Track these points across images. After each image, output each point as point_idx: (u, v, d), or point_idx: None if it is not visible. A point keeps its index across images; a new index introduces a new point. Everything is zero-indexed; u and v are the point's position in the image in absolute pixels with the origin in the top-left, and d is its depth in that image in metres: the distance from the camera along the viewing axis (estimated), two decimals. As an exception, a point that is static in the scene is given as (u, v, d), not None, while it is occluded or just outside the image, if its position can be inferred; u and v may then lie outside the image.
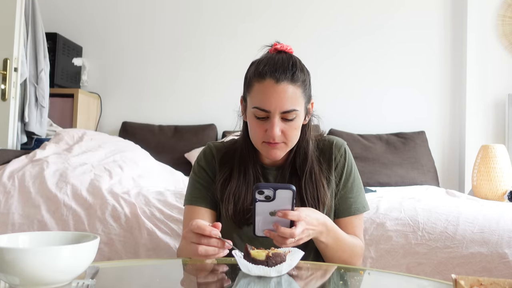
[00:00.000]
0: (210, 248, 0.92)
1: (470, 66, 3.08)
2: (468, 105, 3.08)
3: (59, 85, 3.00)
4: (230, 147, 1.25)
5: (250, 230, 1.12)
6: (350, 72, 3.21)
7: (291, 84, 1.08)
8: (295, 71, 1.09)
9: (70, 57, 3.12)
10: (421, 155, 2.94)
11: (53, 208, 1.75)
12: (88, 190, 1.81)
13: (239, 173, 1.19)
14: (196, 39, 3.29)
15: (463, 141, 3.09)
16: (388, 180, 2.77)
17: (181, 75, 3.29)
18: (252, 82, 1.11)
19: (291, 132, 1.11)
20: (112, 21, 3.34)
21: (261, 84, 1.08)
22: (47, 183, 1.83)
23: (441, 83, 3.18)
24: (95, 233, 1.68)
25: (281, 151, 1.12)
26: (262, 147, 1.13)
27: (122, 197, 1.77)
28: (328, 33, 3.22)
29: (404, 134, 3.04)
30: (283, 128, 1.09)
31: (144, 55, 3.31)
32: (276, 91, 1.06)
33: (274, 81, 1.07)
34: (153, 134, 3.09)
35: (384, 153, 2.92)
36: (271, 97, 1.07)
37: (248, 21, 3.27)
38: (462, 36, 3.14)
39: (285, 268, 0.84)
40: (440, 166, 3.12)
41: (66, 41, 3.07)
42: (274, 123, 1.07)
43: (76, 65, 3.19)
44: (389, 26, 3.20)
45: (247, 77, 1.14)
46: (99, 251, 1.61)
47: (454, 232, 1.55)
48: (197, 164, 1.25)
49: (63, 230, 1.71)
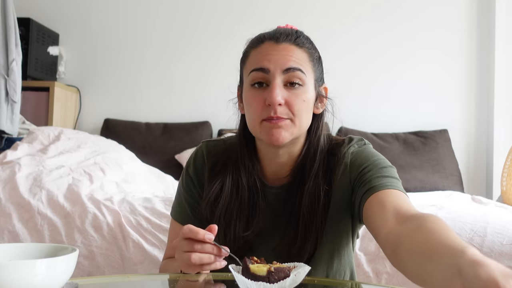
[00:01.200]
0: (205, 255, 0.88)
1: (498, 58, 3.08)
2: (496, 101, 3.07)
3: (33, 77, 3.00)
4: (225, 149, 1.14)
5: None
6: (364, 66, 3.21)
7: (295, 45, 1.02)
8: (299, 35, 1.05)
9: (45, 45, 3.13)
10: (444, 157, 2.95)
11: (26, 217, 1.75)
12: (66, 197, 1.81)
13: (232, 187, 1.07)
14: (189, 26, 3.29)
15: (490, 141, 3.09)
16: (406, 185, 2.75)
17: (172, 66, 3.29)
18: (248, 52, 1.07)
19: (299, 105, 1.00)
20: (93, 5, 3.34)
21: (258, 48, 1.03)
22: (19, 188, 1.83)
23: (466, 76, 3.18)
24: (73, 245, 1.68)
25: (287, 131, 1.00)
26: (261, 128, 1.00)
27: (104, 204, 1.77)
28: (342, 25, 3.22)
29: (424, 133, 3.04)
30: (286, 96, 0.99)
31: (130, 44, 3.31)
32: (276, 49, 1.01)
33: (274, 41, 1.02)
34: (139, 133, 3.09)
35: (402, 154, 2.92)
36: (270, 55, 1.00)
37: (244, 9, 3.27)
38: (489, 24, 3.14)
39: (289, 285, 0.84)
40: (465, 169, 3.12)
41: (40, 28, 3.07)
42: (274, 86, 0.98)
43: (52, 54, 3.19)
44: (408, 15, 3.20)
45: (244, 52, 1.09)
46: (78, 265, 1.60)
47: (481, 244, 1.55)
48: (185, 171, 1.17)
49: (38, 241, 1.71)
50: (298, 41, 1.03)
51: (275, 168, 1.09)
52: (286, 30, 1.05)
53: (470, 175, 3.14)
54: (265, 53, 1.01)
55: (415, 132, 3.07)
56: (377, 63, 3.21)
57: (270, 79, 1.00)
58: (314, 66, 1.06)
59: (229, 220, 1.06)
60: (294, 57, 1.01)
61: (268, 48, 1.02)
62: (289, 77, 1.00)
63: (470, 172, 3.15)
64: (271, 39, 1.03)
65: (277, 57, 1.00)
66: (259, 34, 1.07)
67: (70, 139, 2.38)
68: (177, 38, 3.29)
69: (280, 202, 1.08)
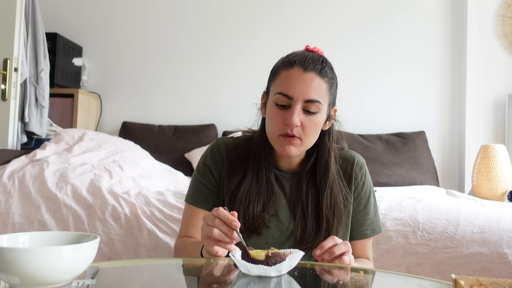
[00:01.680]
0: (223, 234, 0.91)
1: (470, 66, 3.08)
2: (468, 105, 3.08)
3: (59, 85, 3.00)
4: (243, 146, 1.18)
5: (259, 239, 1.12)
6: (350, 72, 3.20)
7: (319, 76, 1.06)
8: (324, 66, 1.08)
9: (70, 57, 3.13)
10: (421, 155, 2.95)
11: (53, 208, 1.75)
12: (88, 190, 1.81)
13: (252, 175, 1.13)
14: (197, 39, 3.29)
15: (463, 141, 3.09)
16: (388, 180, 2.77)
17: (182, 75, 3.29)
18: (279, 70, 1.09)
19: (310, 128, 1.06)
20: (112, 21, 3.34)
21: (288, 71, 1.06)
22: (47, 183, 1.83)
23: (441, 83, 3.18)
24: (95, 233, 1.68)
25: (296, 148, 1.07)
26: (278, 140, 1.07)
27: (122, 197, 1.77)
28: (328, 34, 3.22)
29: (404, 134, 3.04)
30: (302, 120, 1.05)
31: (144, 55, 3.31)
32: (303, 78, 1.05)
33: (302, 69, 1.05)
34: (153, 134, 3.09)
35: (384, 153, 2.92)
36: (297, 84, 1.04)
37: (250, 22, 3.27)
38: (462, 36, 3.14)
39: (285, 268, 0.84)
40: (440, 166, 3.12)
41: (66, 41, 3.07)
42: (294, 110, 1.04)
43: (76, 65, 3.19)
44: (388, 26, 3.20)
45: (274, 67, 1.12)
46: (99, 251, 1.61)
47: (454, 232, 1.55)
48: (202, 161, 1.20)
49: (63, 230, 1.71)
50: (322, 72, 1.07)
51: (287, 161, 1.17)
52: (314, 57, 1.08)
53: (445, 171, 3.14)
54: (293, 80, 1.05)
55: (396, 134, 3.06)
56: (364, 72, 3.21)
57: (292, 104, 1.04)
58: (331, 94, 1.11)
59: (249, 202, 1.11)
60: (317, 89, 1.06)
61: (296, 75, 1.05)
62: (308, 106, 1.05)
63: (444, 169, 3.15)
64: (300, 65, 1.06)
65: (302, 87, 1.04)
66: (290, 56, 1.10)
67: (92, 140, 2.38)
68: (187, 50, 3.29)
69: (292, 185, 1.15)
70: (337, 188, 1.13)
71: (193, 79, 3.28)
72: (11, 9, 2.53)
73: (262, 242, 1.12)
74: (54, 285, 0.73)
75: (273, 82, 1.10)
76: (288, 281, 0.84)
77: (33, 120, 2.67)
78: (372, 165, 2.80)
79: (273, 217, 1.13)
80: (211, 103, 3.23)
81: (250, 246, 1.07)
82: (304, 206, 1.12)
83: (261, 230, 1.12)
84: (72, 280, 0.75)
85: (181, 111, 3.27)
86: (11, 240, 0.80)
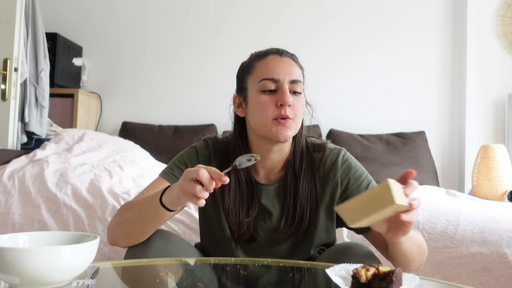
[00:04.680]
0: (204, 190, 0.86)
1: (470, 66, 3.08)
2: (468, 105, 3.07)
3: (59, 85, 3.00)
4: (226, 150, 1.17)
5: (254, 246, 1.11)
6: (350, 72, 3.20)
7: (293, 61, 1.11)
8: (293, 54, 1.14)
9: (70, 57, 3.12)
10: (421, 155, 2.94)
11: (53, 208, 1.75)
12: (88, 190, 1.81)
13: (235, 182, 1.10)
14: (197, 39, 3.29)
15: (463, 141, 3.09)
16: (388, 180, 2.76)
17: (181, 75, 3.29)
18: (253, 63, 1.12)
19: (300, 108, 1.08)
20: (112, 21, 3.34)
21: (265, 59, 1.10)
22: (47, 183, 1.83)
23: (441, 83, 3.18)
24: (95, 233, 1.68)
25: (290, 130, 1.06)
26: (272, 126, 1.05)
27: (122, 197, 1.77)
28: (327, 33, 3.22)
29: (404, 134, 3.04)
30: (292, 101, 1.06)
31: (144, 55, 3.31)
32: (282, 61, 1.09)
33: (278, 55, 1.10)
34: (153, 134, 3.09)
35: (384, 153, 2.92)
36: (279, 66, 1.08)
37: (248, 21, 3.27)
38: (462, 36, 3.14)
39: None
40: (440, 166, 3.12)
41: (66, 41, 3.07)
42: (285, 89, 1.05)
43: (76, 65, 3.19)
44: (388, 25, 3.20)
45: (245, 65, 1.14)
46: (99, 251, 1.61)
47: (454, 232, 1.55)
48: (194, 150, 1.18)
49: (63, 230, 1.71)
50: (294, 57, 1.13)
51: (268, 165, 1.13)
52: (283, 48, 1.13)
53: (445, 171, 3.14)
54: (273, 64, 1.08)
55: (396, 134, 3.06)
56: (363, 72, 3.20)
57: (279, 86, 1.06)
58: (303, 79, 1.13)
59: (233, 209, 1.10)
60: (296, 71, 1.10)
61: (274, 60, 1.09)
62: (293, 86, 1.07)
63: (444, 169, 3.14)
64: (274, 52, 1.11)
65: (284, 69, 1.08)
66: (262, 50, 1.14)
67: (92, 140, 2.38)
68: (186, 51, 3.29)
69: (273, 196, 1.12)
70: (310, 177, 1.11)
71: (193, 79, 3.28)
72: (11, 9, 2.53)
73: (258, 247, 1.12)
74: (54, 285, 0.73)
75: (250, 76, 1.11)
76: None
77: (33, 120, 2.67)
78: (372, 165, 2.80)
79: (258, 220, 1.11)
80: (211, 103, 3.23)
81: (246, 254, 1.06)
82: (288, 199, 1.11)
83: (254, 236, 1.11)
84: (72, 280, 0.75)
85: (181, 111, 3.26)
86: (11, 240, 0.80)
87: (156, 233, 1.05)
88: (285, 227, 1.09)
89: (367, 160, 2.82)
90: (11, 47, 2.53)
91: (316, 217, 1.11)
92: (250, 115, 1.10)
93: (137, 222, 1.02)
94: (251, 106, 1.10)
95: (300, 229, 1.09)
